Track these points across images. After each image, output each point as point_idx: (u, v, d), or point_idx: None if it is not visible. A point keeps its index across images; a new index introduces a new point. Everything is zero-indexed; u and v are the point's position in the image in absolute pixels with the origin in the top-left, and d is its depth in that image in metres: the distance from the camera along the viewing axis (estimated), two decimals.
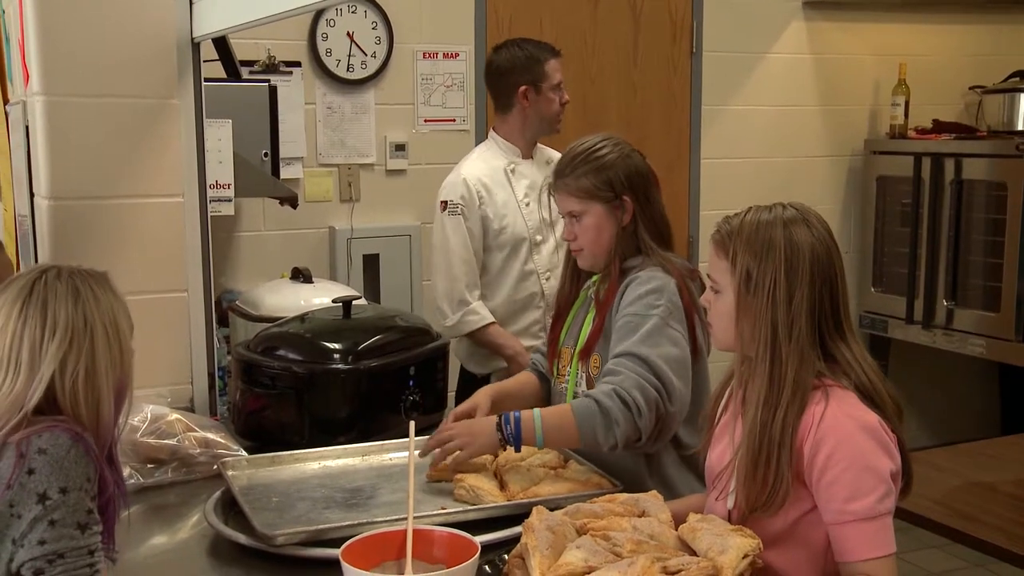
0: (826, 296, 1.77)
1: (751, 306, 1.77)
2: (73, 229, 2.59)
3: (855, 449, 1.70)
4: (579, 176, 2.37)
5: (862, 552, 1.69)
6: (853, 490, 1.69)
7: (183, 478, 2.31)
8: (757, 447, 1.74)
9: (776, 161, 4.89)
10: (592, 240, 2.37)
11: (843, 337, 1.80)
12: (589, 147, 2.40)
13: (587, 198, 2.36)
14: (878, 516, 1.69)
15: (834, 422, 1.72)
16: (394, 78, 4.20)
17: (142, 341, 2.65)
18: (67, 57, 2.54)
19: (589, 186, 2.36)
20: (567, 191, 2.39)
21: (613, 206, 2.36)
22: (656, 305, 2.25)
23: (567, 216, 2.41)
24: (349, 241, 4.14)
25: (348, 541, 1.67)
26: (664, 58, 4.68)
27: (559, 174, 2.41)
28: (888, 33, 5.03)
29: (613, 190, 2.36)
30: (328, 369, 2.48)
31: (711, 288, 1.87)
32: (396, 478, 2.24)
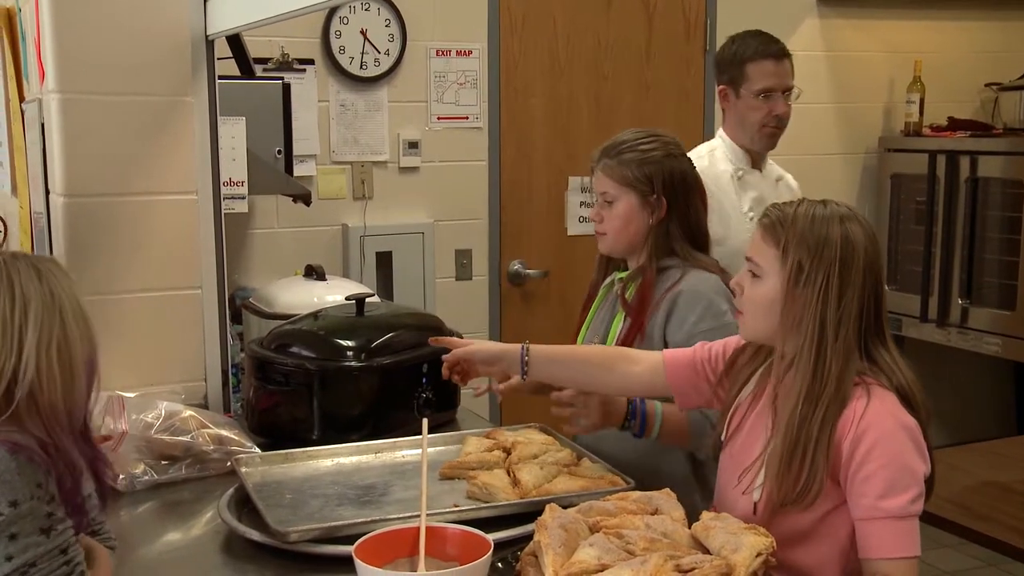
0: (873, 297, 1.78)
1: (799, 299, 1.76)
2: (88, 226, 2.60)
3: (895, 447, 1.70)
4: (622, 162, 2.40)
5: (888, 551, 1.69)
6: (888, 487, 1.69)
7: (197, 475, 2.31)
8: (794, 441, 1.74)
9: (789, 159, 4.83)
10: (618, 228, 2.41)
11: (884, 340, 1.81)
12: (639, 137, 2.43)
13: (624, 185, 2.39)
14: (908, 517, 1.69)
15: (876, 418, 1.72)
16: (407, 75, 4.21)
17: (156, 338, 2.69)
18: (82, 55, 2.55)
19: (629, 175, 2.39)
20: (607, 172, 2.42)
21: (647, 201, 2.38)
22: (723, 311, 2.30)
23: (600, 197, 2.44)
24: (362, 238, 4.14)
25: (361, 538, 1.68)
26: (677, 56, 4.67)
27: (605, 153, 2.43)
28: (903, 30, 5.01)
29: (651, 186, 2.38)
30: (341, 366, 2.49)
31: (749, 272, 1.85)
32: (409, 475, 2.24)
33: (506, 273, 4.46)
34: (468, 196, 4.36)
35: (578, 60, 4.50)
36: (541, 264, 4.40)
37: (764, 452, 1.83)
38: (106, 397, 2.40)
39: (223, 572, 1.90)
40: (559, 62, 4.47)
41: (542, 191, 4.46)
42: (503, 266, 4.45)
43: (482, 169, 4.37)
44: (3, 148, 3.57)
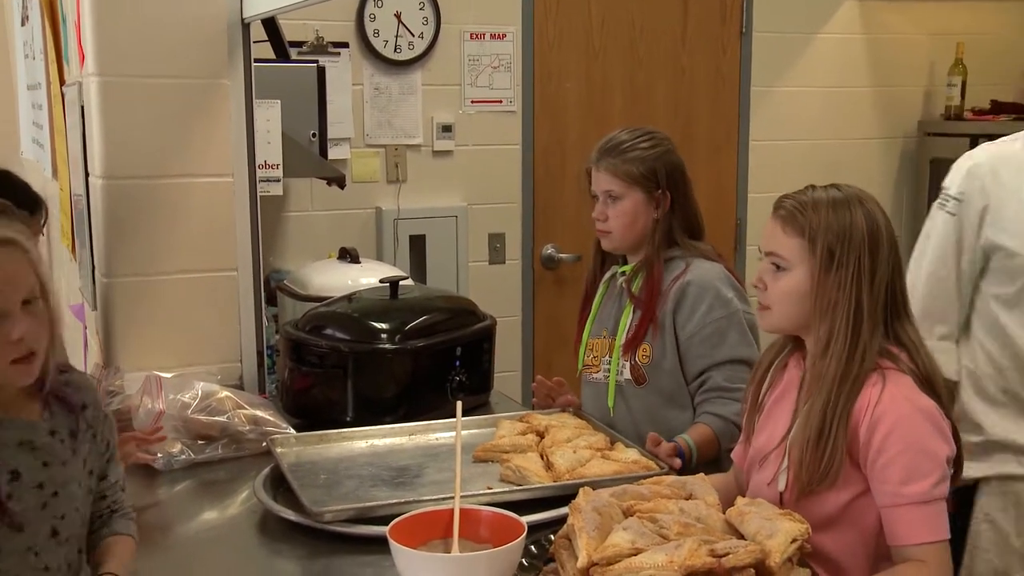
0: (898, 275, 1.79)
1: (832, 285, 1.76)
2: (126, 208, 2.63)
3: (912, 432, 1.70)
4: (627, 160, 2.43)
5: (916, 536, 1.69)
6: (909, 473, 1.69)
7: (233, 454, 2.34)
8: (825, 422, 1.74)
9: (826, 143, 4.85)
10: (624, 225, 2.44)
11: (907, 315, 1.82)
12: (637, 136, 2.46)
13: (630, 183, 2.42)
14: (932, 501, 1.69)
15: (891, 404, 1.72)
16: (441, 59, 4.20)
17: (192, 319, 2.71)
18: (121, 38, 2.57)
19: (635, 172, 2.42)
20: (612, 171, 2.44)
21: (652, 196, 2.43)
22: (730, 299, 2.38)
23: (603, 195, 2.46)
24: (396, 222, 4.15)
25: (395, 519, 1.68)
26: (713, 39, 4.64)
27: (607, 153, 2.45)
28: (945, 12, 4.94)
29: (656, 181, 2.42)
30: (375, 349, 2.50)
31: (772, 265, 1.84)
32: (443, 458, 2.25)
33: (539, 257, 4.46)
34: (501, 180, 4.36)
35: (613, 44, 4.49)
36: (574, 248, 4.39)
37: (786, 438, 1.84)
38: (143, 377, 2.44)
39: (258, 551, 1.93)
40: (593, 46, 4.46)
41: (576, 175, 4.38)
42: (536, 250, 4.45)
43: (515, 153, 4.37)
44: (44, 131, 3.61)
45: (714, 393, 2.36)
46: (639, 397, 2.44)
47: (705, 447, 2.29)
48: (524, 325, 4.45)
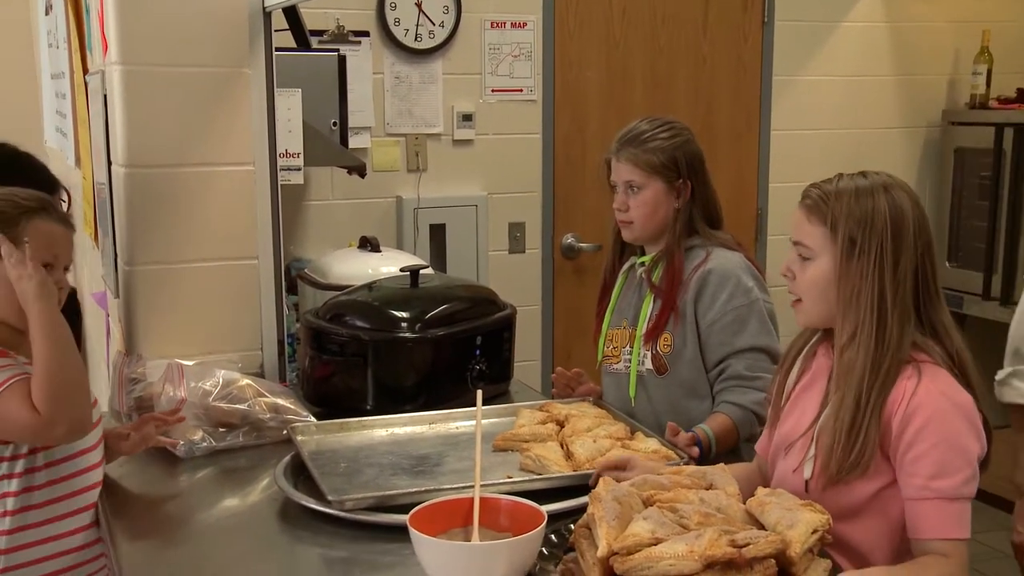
0: (928, 262, 1.78)
1: (854, 273, 1.76)
2: (148, 197, 2.63)
3: (947, 427, 1.70)
4: (648, 150, 2.43)
5: (939, 531, 1.69)
6: (939, 468, 1.69)
7: (253, 442, 2.34)
8: (856, 411, 1.74)
9: (849, 133, 4.82)
10: (646, 215, 2.45)
11: (939, 303, 1.81)
12: (657, 126, 2.47)
13: (651, 172, 2.43)
14: (960, 498, 1.69)
15: (927, 398, 1.71)
16: (462, 48, 4.20)
17: (214, 308, 2.72)
18: (144, 27, 2.58)
19: (656, 162, 2.43)
20: (633, 161, 2.44)
21: (673, 186, 2.44)
22: (750, 288, 2.39)
23: (623, 186, 2.46)
24: (416, 211, 4.16)
25: (416, 508, 1.69)
26: (735, 28, 4.62)
27: (628, 143, 2.46)
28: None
29: (677, 171, 2.44)
30: (395, 337, 2.51)
31: (798, 256, 1.84)
32: (463, 446, 2.26)
33: (559, 246, 4.46)
34: (522, 169, 4.36)
35: (633, 32, 4.47)
36: (595, 238, 4.39)
37: (813, 426, 1.84)
38: (165, 364, 2.45)
39: (279, 539, 1.93)
40: (614, 35, 4.45)
41: (597, 165, 4.35)
42: (556, 240, 4.45)
43: (536, 142, 4.36)
44: (67, 120, 3.63)
45: (733, 382, 2.36)
46: (660, 387, 2.45)
47: (724, 437, 2.29)
48: (544, 314, 4.46)
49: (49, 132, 4.47)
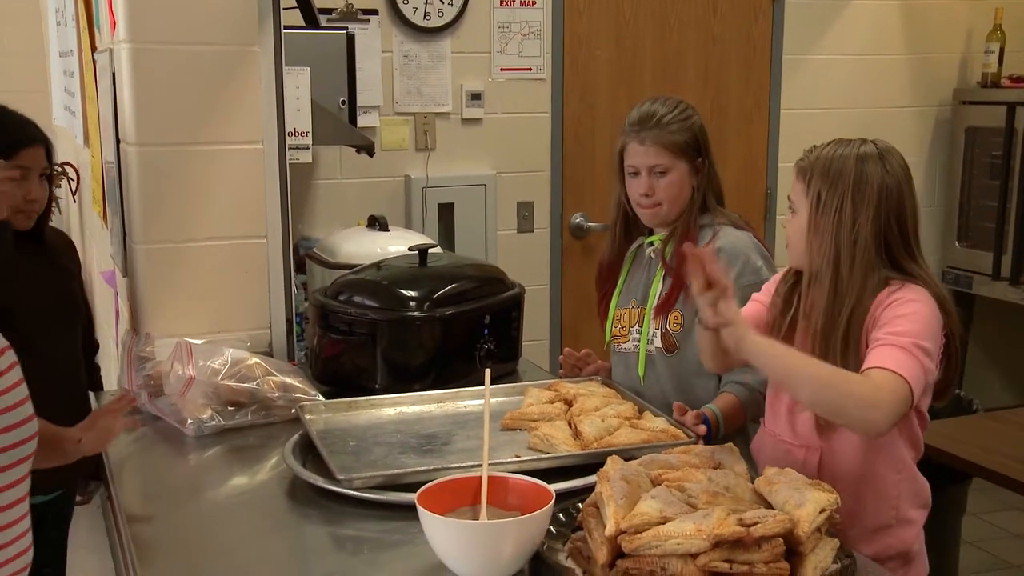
0: (894, 227, 1.95)
1: (820, 225, 1.96)
2: (157, 175, 2.63)
3: (918, 311, 1.88)
4: (672, 132, 2.42)
5: (879, 362, 1.83)
6: (901, 329, 1.85)
7: (262, 421, 2.34)
8: (823, 349, 1.93)
9: (859, 112, 4.80)
10: (673, 197, 2.44)
11: (916, 259, 1.98)
12: (673, 107, 2.45)
13: (678, 153, 2.42)
14: (911, 349, 1.83)
15: (908, 293, 1.91)
16: (471, 26, 4.19)
17: (222, 286, 2.72)
18: (152, 5, 2.57)
19: (682, 142, 2.43)
20: (659, 143, 2.42)
21: (695, 165, 2.44)
22: (759, 267, 2.41)
23: (647, 170, 2.43)
24: (424, 190, 4.16)
25: (424, 486, 1.69)
26: (745, 6, 4.60)
27: (651, 127, 2.43)
28: None
29: (698, 150, 2.44)
30: (404, 316, 2.50)
31: (789, 208, 2.06)
32: (471, 425, 2.25)
33: (568, 226, 4.45)
34: (531, 148, 4.35)
35: (644, 10, 4.46)
36: (603, 217, 4.35)
37: None
38: (174, 343, 2.45)
39: (288, 516, 1.94)
40: (624, 12, 4.43)
41: (606, 144, 4.43)
42: (565, 219, 4.45)
43: (545, 121, 4.36)
44: (76, 98, 3.62)
45: None
46: (669, 366, 2.44)
47: (731, 416, 2.29)
48: (552, 294, 4.46)
49: (57, 111, 4.47)
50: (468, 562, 1.63)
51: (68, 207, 4.71)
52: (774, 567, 1.49)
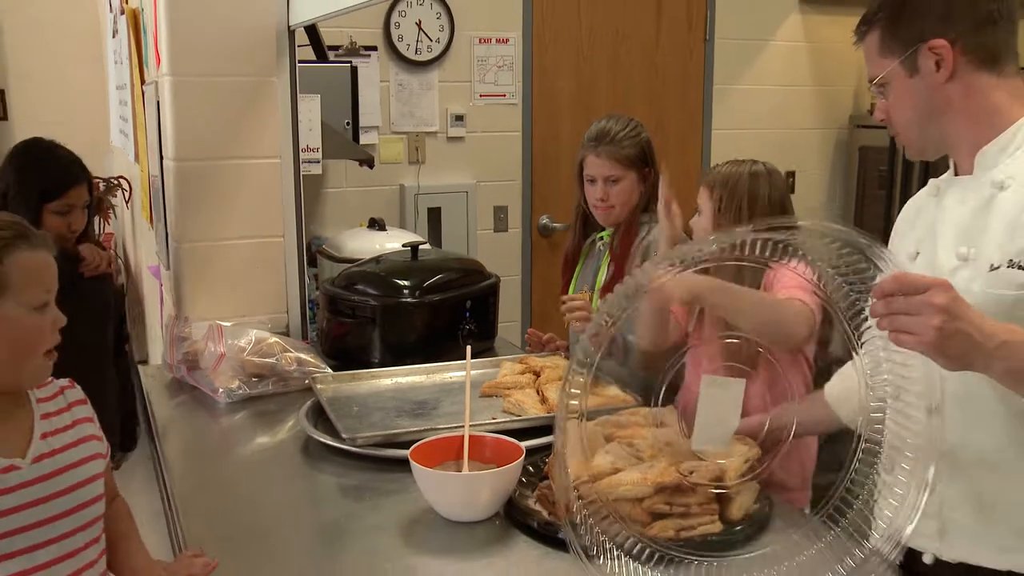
0: None
1: (722, 223, 2.07)
2: (193, 185, 2.61)
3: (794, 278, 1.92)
4: (623, 147, 2.41)
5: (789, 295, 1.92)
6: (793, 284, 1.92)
7: (280, 390, 2.34)
8: None
9: (775, 132, 4.82)
10: (623, 201, 2.42)
11: None
12: (624, 125, 2.44)
13: (628, 165, 2.41)
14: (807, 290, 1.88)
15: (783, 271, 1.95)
16: (455, 60, 4.17)
17: (247, 277, 2.71)
18: (189, 44, 2.55)
19: (632, 155, 2.41)
20: (613, 157, 2.41)
21: (643, 174, 2.42)
22: None
23: (602, 179, 2.42)
24: (416, 196, 4.14)
25: (415, 444, 1.69)
26: (682, 44, 4.60)
27: (605, 142, 2.42)
28: None
29: (646, 161, 2.42)
30: (399, 302, 2.50)
31: (696, 211, 2.16)
32: (455, 393, 2.25)
33: (536, 226, 4.44)
34: (505, 161, 4.34)
35: (599, 46, 4.45)
36: (565, 219, 4.32)
37: None
38: (207, 326, 2.43)
39: (302, 470, 1.93)
40: (583, 48, 4.42)
41: (567, 157, 4.36)
42: (534, 220, 4.44)
43: (517, 138, 4.34)
44: (128, 123, 3.59)
45: None
46: None
47: None
48: (523, 283, 4.45)
49: (114, 134, 4.44)
50: (452, 506, 1.64)
51: (123, 213, 4.66)
52: (706, 507, 1.51)
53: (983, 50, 1.38)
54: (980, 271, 1.36)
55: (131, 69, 3.35)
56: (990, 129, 1.40)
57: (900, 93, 1.44)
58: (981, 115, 1.40)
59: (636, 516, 1.50)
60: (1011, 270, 1.32)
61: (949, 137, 1.43)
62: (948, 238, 1.44)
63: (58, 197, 2.20)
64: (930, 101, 1.41)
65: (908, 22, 1.40)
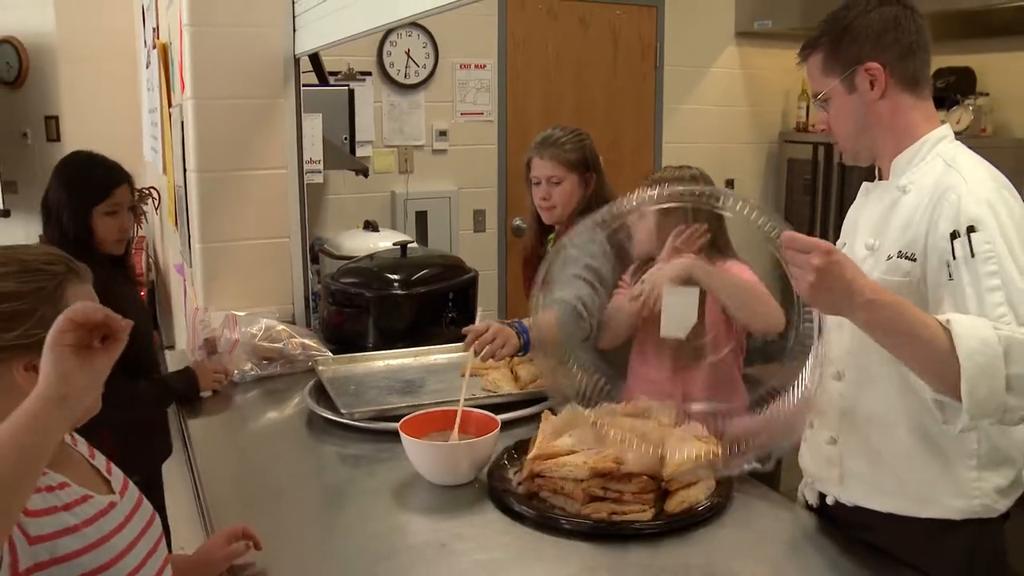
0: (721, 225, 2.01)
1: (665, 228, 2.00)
2: (212, 193, 2.61)
3: None
4: (565, 151, 2.28)
5: None
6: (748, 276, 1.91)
7: (287, 371, 2.35)
8: None
9: (716, 146, 4.85)
10: (564, 201, 2.29)
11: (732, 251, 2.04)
12: (568, 133, 2.32)
13: (569, 168, 2.28)
14: None
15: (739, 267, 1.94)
16: (439, 83, 4.16)
17: (258, 273, 2.71)
18: (209, 72, 2.56)
19: (574, 159, 2.28)
20: (555, 159, 2.28)
21: (584, 177, 2.30)
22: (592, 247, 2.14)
23: (546, 180, 2.29)
24: (405, 201, 4.13)
25: (404, 418, 1.70)
26: (636, 71, 4.62)
27: (549, 146, 2.30)
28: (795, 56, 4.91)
29: (587, 166, 2.30)
30: (390, 294, 2.50)
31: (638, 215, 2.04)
32: (440, 373, 2.26)
33: (510, 227, 4.45)
34: (483, 171, 4.33)
35: (564, 72, 4.46)
36: None
37: None
38: (224, 315, 2.44)
39: (307, 441, 1.94)
40: (550, 73, 4.42)
41: None
42: (508, 222, 4.44)
43: (493, 151, 4.34)
44: (158, 141, 3.58)
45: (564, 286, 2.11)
46: None
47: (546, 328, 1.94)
48: (499, 276, 4.46)
49: (147, 150, 4.44)
50: (436, 473, 1.65)
51: (153, 219, 4.65)
52: (640, 496, 1.47)
53: (907, 74, 1.41)
54: (880, 260, 1.41)
55: (160, 94, 3.33)
56: (905, 142, 1.43)
57: (840, 107, 1.46)
58: (901, 130, 1.43)
59: (576, 496, 1.48)
60: (900, 260, 1.37)
61: (877, 147, 1.46)
62: (862, 232, 1.49)
63: (106, 197, 2.11)
64: (865, 115, 1.43)
65: (847, 47, 1.42)
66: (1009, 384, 1.16)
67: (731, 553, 1.41)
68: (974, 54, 4.31)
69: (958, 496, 1.36)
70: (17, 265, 1.03)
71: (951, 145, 1.41)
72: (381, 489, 1.65)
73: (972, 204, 1.28)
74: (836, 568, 1.37)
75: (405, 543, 1.46)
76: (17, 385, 0.98)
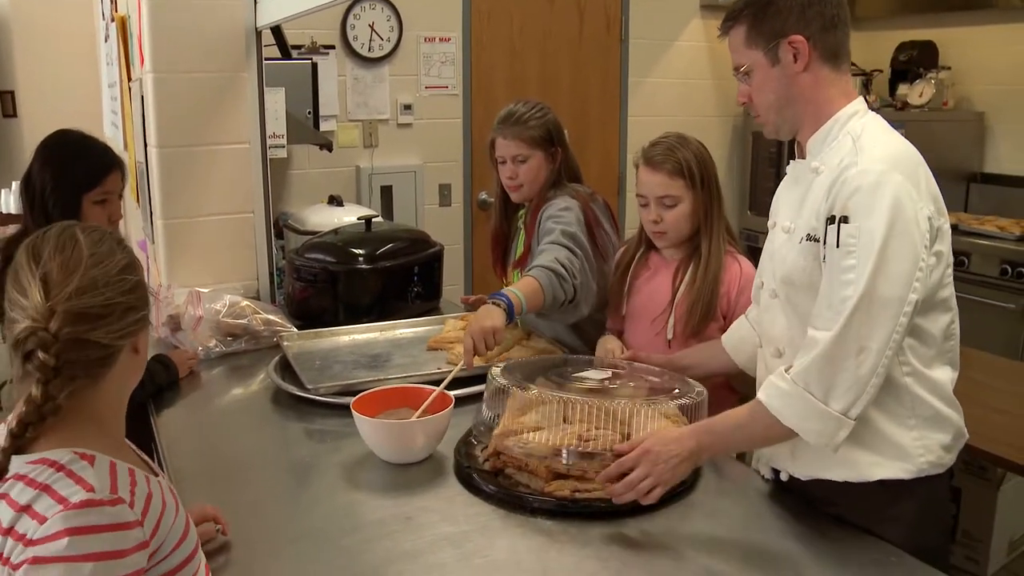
0: None
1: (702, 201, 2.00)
2: (173, 169, 2.60)
3: None
4: (529, 128, 2.25)
5: None
6: None
7: (252, 347, 2.35)
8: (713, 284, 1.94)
9: (682, 119, 4.87)
10: (531, 179, 2.27)
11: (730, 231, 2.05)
12: (531, 108, 2.28)
13: (534, 145, 2.25)
14: None
15: (749, 272, 1.92)
16: (403, 56, 4.13)
17: (222, 248, 2.71)
18: (169, 45, 2.53)
19: (538, 136, 2.25)
20: (519, 138, 2.24)
21: (549, 153, 2.27)
22: (566, 216, 2.17)
23: (511, 159, 2.26)
24: (370, 176, 4.12)
25: (356, 396, 1.67)
26: (601, 44, 4.62)
27: (512, 124, 2.25)
28: None
29: (552, 141, 2.27)
30: (355, 268, 2.50)
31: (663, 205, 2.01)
32: (405, 347, 2.27)
33: (475, 201, 4.46)
34: (448, 145, 4.33)
35: (529, 45, 4.45)
36: None
37: (672, 304, 1.97)
38: (187, 292, 2.43)
39: (272, 417, 1.95)
40: (515, 46, 4.41)
41: None
42: (473, 196, 4.44)
43: (458, 125, 4.33)
44: (118, 116, 3.53)
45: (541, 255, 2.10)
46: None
47: (531, 296, 1.99)
48: (465, 250, 4.47)
49: (107, 125, 4.37)
50: (388, 450, 1.64)
51: None
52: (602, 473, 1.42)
53: (828, 48, 1.42)
54: (794, 242, 1.44)
55: (120, 68, 3.28)
56: (822, 118, 1.44)
57: (762, 80, 1.46)
58: (820, 104, 1.44)
59: (540, 472, 1.48)
60: (809, 243, 1.40)
61: (798, 120, 1.47)
62: (782, 214, 1.52)
63: (97, 185, 2.02)
64: (788, 89, 1.44)
65: (771, 19, 1.41)
66: (826, 401, 1.31)
67: (694, 525, 1.44)
68: (936, 28, 4.37)
69: (905, 458, 1.40)
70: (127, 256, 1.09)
71: (861, 121, 1.41)
72: (347, 463, 1.66)
73: (853, 191, 1.31)
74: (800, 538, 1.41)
75: (371, 517, 1.47)
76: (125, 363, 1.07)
